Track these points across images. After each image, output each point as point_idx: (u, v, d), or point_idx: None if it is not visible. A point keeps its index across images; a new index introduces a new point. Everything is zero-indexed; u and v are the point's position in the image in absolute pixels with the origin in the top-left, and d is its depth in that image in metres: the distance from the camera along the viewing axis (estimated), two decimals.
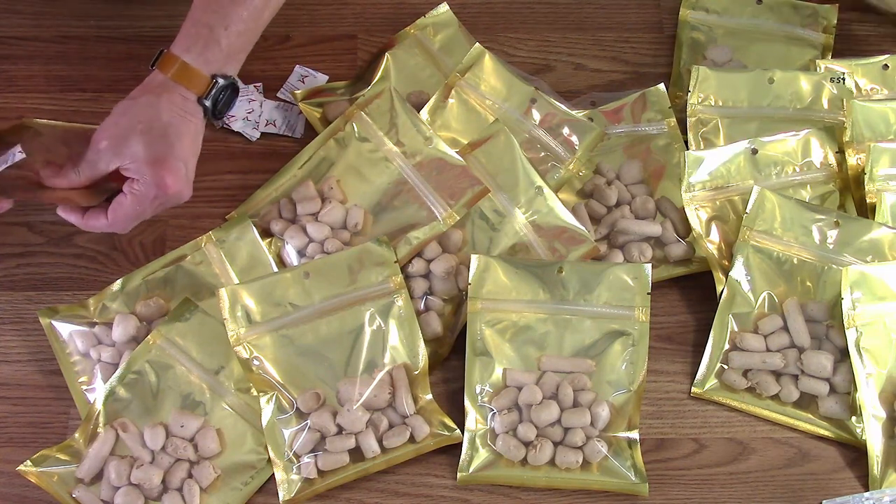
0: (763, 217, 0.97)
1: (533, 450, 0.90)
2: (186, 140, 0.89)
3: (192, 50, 0.90)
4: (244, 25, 0.92)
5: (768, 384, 0.94)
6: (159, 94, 0.88)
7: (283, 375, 0.90)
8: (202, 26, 0.90)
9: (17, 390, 0.94)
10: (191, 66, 0.90)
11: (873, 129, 1.02)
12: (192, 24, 0.91)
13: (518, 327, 0.94)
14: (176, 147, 0.88)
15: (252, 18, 0.92)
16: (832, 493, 0.92)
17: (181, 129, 0.89)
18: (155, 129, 0.87)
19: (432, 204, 0.98)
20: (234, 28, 0.91)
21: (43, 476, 0.88)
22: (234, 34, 0.91)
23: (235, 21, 0.91)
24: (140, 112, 0.88)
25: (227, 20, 0.90)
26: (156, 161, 0.87)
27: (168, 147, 0.88)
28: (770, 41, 1.13)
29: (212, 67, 0.91)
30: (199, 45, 0.90)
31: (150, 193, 0.88)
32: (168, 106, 0.88)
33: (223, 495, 0.89)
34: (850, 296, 0.93)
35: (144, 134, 0.87)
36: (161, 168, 0.87)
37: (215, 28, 0.90)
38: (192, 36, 0.90)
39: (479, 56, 1.06)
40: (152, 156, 0.87)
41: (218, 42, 0.90)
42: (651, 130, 1.06)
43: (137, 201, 0.88)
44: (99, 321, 0.95)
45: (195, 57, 0.90)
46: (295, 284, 0.92)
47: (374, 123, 1.01)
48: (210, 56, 0.90)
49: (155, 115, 0.88)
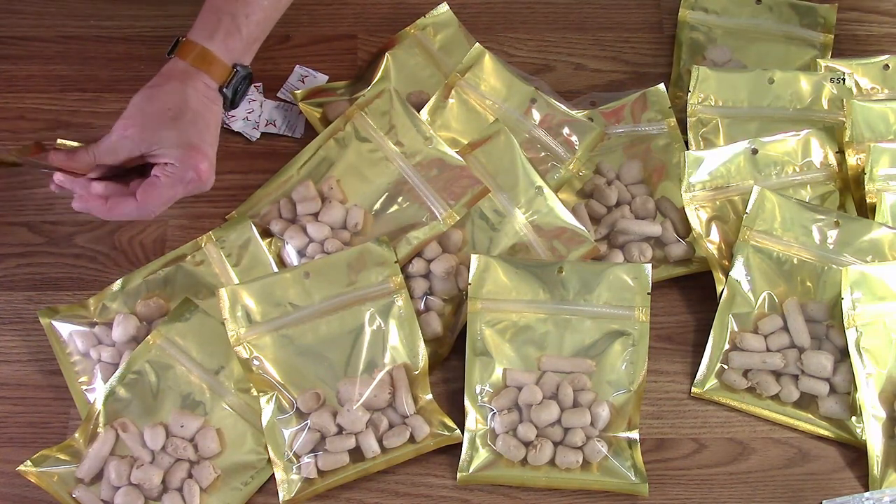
0: (763, 217, 0.97)
1: (533, 450, 0.90)
2: (213, 128, 0.89)
3: (215, 38, 0.89)
4: (264, 14, 0.91)
5: (768, 384, 0.94)
6: (184, 81, 0.87)
7: (283, 375, 0.90)
8: (224, 14, 0.89)
9: (17, 390, 0.95)
10: (213, 54, 0.88)
11: (873, 129, 1.02)
12: (212, 11, 0.90)
13: (518, 327, 0.94)
14: (205, 134, 0.88)
15: (272, 6, 0.91)
16: (832, 493, 0.92)
17: (207, 117, 0.88)
18: (185, 115, 0.86)
19: (432, 204, 0.98)
20: (254, 17, 0.90)
21: (43, 476, 0.88)
22: (253, 23, 0.90)
23: (256, 10, 0.90)
24: (167, 98, 0.87)
25: (249, 8, 0.89)
26: (190, 146, 0.86)
27: (199, 134, 0.87)
28: (769, 41, 1.13)
29: (233, 56, 0.90)
30: (221, 33, 0.89)
31: (185, 177, 0.87)
32: (194, 93, 0.88)
33: (223, 495, 0.89)
34: (850, 296, 0.93)
35: (176, 119, 0.86)
36: (197, 153, 0.87)
37: (237, 16, 0.89)
38: (214, 24, 0.89)
39: (479, 56, 1.06)
40: (186, 141, 0.86)
41: (240, 30, 0.89)
42: (651, 130, 1.06)
43: (172, 184, 0.87)
44: (99, 321, 0.95)
45: (218, 45, 0.89)
46: (295, 284, 0.92)
47: (374, 123, 1.01)
48: (231, 44, 0.89)
49: (183, 101, 0.87)
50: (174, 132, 0.86)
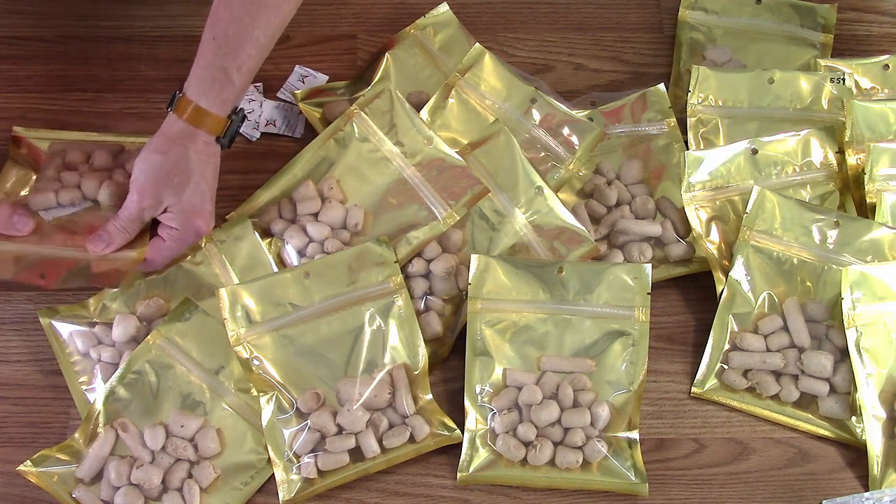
0: (763, 217, 0.97)
1: (533, 450, 0.90)
2: (211, 181, 0.95)
3: (209, 94, 0.92)
4: (253, 62, 0.94)
5: (768, 384, 0.94)
6: (185, 145, 0.92)
7: (283, 375, 0.90)
8: (217, 69, 0.92)
9: (17, 390, 0.94)
10: (209, 112, 0.92)
11: (873, 129, 1.02)
12: (204, 66, 0.92)
13: (518, 327, 0.94)
14: (206, 194, 0.94)
15: (259, 55, 0.94)
16: (832, 493, 0.92)
17: (206, 173, 0.94)
18: (190, 181, 0.92)
19: (432, 204, 0.98)
20: (245, 67, 0.93)
21: (43, 476, 0.88)
22: (245, 73, 0.93)
23: (246, 60, 0.93)
24: (173, 167, 0.92)
25: (239, 60, 0.92)
26: (193, 211, 0.93)
27: (201, 196, 0.94)
28: (769, 41, 1.13)
29: (227, 108, 0.94)
30: (215, 88, 0.92)
31: (186, 239, 0.94)
32: (195, 156, 0.93)
33: (223, 495, 0.89)
34: (850, 296, 0.93)
35: (181, 186, 0.92)
36: (196, 217, 0.94)
37: (229, 70, 0.92)
38: (208, 80, 0.92)
39: (479, 56, 1.06)
40: (190, 207, 0.93)
41: (233, 83, 0.93)
42: (651, 130, 1.06)
43: (176, 245, 0.94)
44: (99, 321, 0.95)
45: (212, 101, 0.92)
46: (295, 284, 0.92)
47: (374, 123, 1.01)
48: (226, 97, 0.93)
49: (186, 167, 0.92)
50: (179, 199, 0.92)
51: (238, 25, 0.92)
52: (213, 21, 0.92)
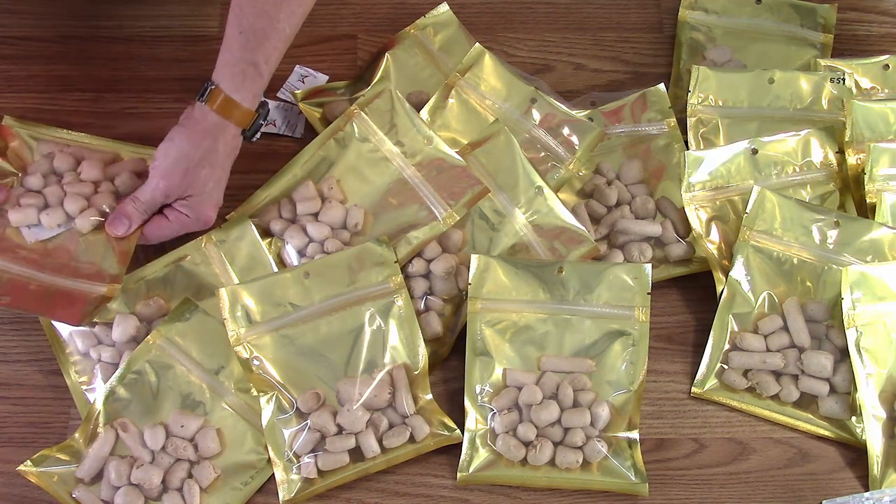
0: (763, 217, 0.97)
1: (533, 450, 0.90)
2: (227, 173, 0.96)
3: (241, 89, 0.93)
4: (278, 54, 0.95)
5: (768, 384, 0.94)
6: (216, 138, 0.93)
7: (283, 375, 0.90)
8: (247, 64, 0.93)
9: (17, 390, 0.94)
10: (240, 105, 0.93)
11: (873, 129, 1.02)
12: (233, 61, 0.93)
13: (518, 327, 0.94)
14: (223, 187, 0.96)
15: (283, 48, 0.96)
16: (832, 493, 0.92)
17: (228, 166, 0.96)
18: (213, 174, 0.94)
19: (432, 204, 0.98)
20: (272, 59, 0.95)
21: (43, 476, 0.88)
22: (271, 65, 0.95)
23: (272, 52, 0.94)
24: (202, 157, 0.93)
25: (267, 54, 0.94)
26: (209, 203, 0.95)
27: (220, 190, 0.96)
28: (769, 41, 1.13)
29: (256, 101, 0.95)
30: (246, 83, 0.93)
31: (192, 226, 0.95)
32: (223, 148, 0.94)
33: (223, 495, 0.89)
34: (850, 296, 0.93)
35: (206, 178, 0.94)
36: (209, 209, 0.95)
37: (259, 64, 0.93)
38: (240, 75, 0.93)
39: (479, 56, 1.06)
40: (207, 199, 0.95)
41: (262, 76, 0.94)
42: (651, 130, 1.06)
43: (180, 227, 0.95)
44: (99, 321, 0.94)
45: (245, 95, 0.94)
46: (295, 284, 0.92)
47: (374, 123, 1.01)
48: (256, 90, 0.95)
49: (214, 158, 0.94)
50: (203, 190, 0.94)
51: (265, 19, 0.93)
52: (238, 15, 0.93)
